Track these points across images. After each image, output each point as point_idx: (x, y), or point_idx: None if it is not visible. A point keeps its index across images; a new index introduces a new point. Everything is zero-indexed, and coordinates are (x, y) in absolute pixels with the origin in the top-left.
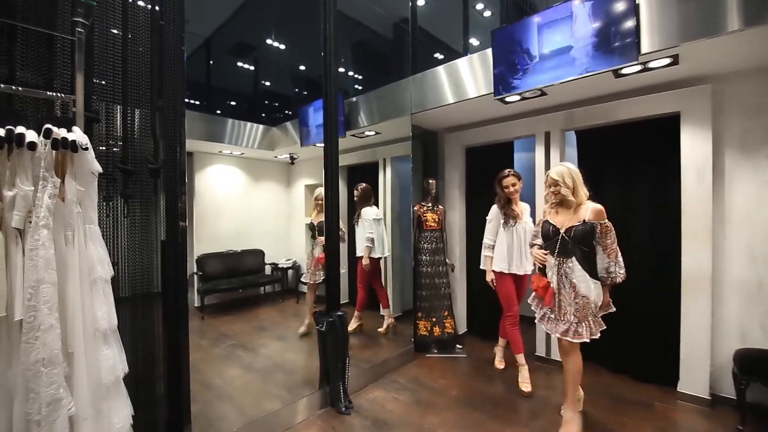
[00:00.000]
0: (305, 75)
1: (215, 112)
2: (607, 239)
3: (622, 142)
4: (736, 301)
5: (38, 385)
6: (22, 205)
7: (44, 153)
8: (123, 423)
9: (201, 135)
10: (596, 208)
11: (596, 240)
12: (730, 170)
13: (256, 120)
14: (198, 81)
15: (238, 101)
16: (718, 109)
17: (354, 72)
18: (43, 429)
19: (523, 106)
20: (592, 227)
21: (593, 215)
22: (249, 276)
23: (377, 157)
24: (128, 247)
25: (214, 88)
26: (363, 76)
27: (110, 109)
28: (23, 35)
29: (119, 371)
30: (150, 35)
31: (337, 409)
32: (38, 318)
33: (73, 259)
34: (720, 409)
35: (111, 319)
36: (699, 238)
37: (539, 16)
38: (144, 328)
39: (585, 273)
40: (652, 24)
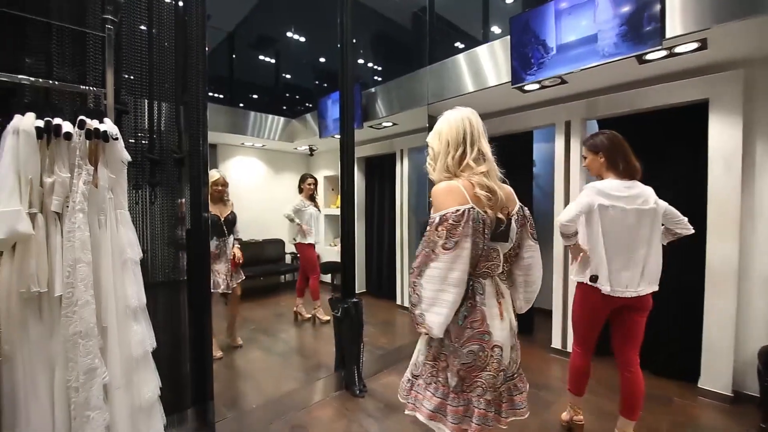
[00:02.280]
0: (325, 67)
1: (238, 105)
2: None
3: (646, 132)
4: (765, 298)
5: (76, 355)
6: (60, 190)
7: (79, 143)
8: (151, 394)
9: (224, 127)
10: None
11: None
12: (762, 160)
13: (277, 112)
14: (221, 74)
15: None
16: (749, 96)
17: (374, 63)
18: (81, 395)
19: (543, 95)
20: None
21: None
22: (269, 264)
23: (395, 148)
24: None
25: (236, 81)
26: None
27: (138, 102)
28: (58, 33)
29: (148, 346)
30: (174, 31)
31: (352, 391)
32: (75, 294)
33: (105, 241)
34: (742, 407)
35: (140, 298)
36: (725, 231)
37: (556, 1)
38: (171, 311)
39: None
40: (679, 6)
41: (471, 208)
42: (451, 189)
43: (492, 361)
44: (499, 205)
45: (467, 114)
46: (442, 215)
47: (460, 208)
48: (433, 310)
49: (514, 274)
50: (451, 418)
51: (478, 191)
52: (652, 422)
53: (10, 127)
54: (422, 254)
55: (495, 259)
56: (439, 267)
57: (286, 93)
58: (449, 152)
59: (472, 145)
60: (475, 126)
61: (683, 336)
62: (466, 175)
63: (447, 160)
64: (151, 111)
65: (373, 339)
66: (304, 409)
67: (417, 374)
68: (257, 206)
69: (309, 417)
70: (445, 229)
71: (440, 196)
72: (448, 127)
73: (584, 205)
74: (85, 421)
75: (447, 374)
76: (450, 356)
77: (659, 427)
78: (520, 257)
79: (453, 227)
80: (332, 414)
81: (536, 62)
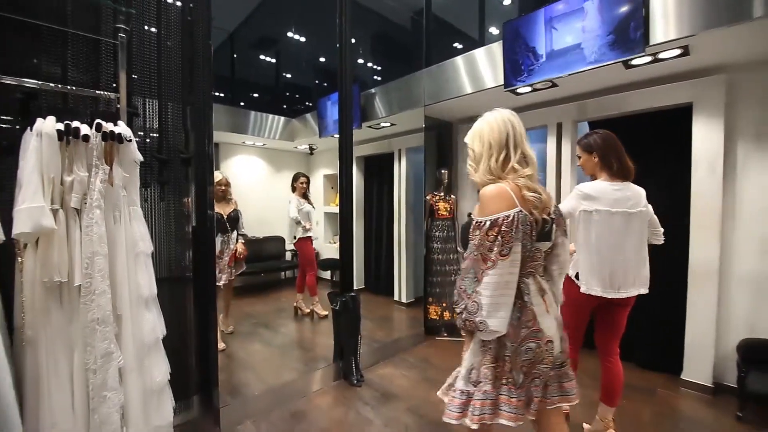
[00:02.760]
0: (324, 67)
1: (239, 104)
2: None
3: (634, 133)
4: (745, 294)
5: (94, 340)
6: (79, 188)
7: (96, 144)
8: (162, 377)
9: (226, 127)
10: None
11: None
12: (743, 162)
13: (278, 112)
14: (223, 74)
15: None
16: (732, 100)
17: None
18: (98, 377)
19: (536, 98)
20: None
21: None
22: (270, 261)
23: (393, 148)
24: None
25: (238, 81)
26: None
27: (147, 103)
28: (74, 40)
29: (158, 333)
30: (181, 34)
31: (349, 381)
32: (93, 284)
33: (120, 235)
34: (722, 397)
35: (151, 288)
36: (708, 230)
37: (547, 10)
38: (179, 304)
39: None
40: (660, 15)
41: (520, 212)
42: (500, 192)
43: (547, 354)
44: (543, 207)
45: (509, 116)
46: (493, 220)
47: (510, 212)
48: (496, 315)
49: (551, 269)
50: (514, 410)
51: (527, 194)
52: (635, 411)
53: (34, 130)
54: (472, 258)
55: (539, 259)
56: (498, 273)
57: (287, 92)
58: (492, 154)
59: (516, 148)
60: (517, 129)
61: (667, 331)
62: (511, 177)
63: (490, 162)
64: (159, 112)
65: (371, 333)
66: (304, 397)
67: (475, 381)
68: (258, 204)
69: (309, 404)
70: (499, 234)
71: (489, 200)
72: (490, 130)
73: (565, 212)
74: (102, 400)
75: (513, 373)
76: (512, 356)
77: (641, 415)
78: (555, 254)
79: (507, 233)
80: (331, 401)
81: (526, 69)
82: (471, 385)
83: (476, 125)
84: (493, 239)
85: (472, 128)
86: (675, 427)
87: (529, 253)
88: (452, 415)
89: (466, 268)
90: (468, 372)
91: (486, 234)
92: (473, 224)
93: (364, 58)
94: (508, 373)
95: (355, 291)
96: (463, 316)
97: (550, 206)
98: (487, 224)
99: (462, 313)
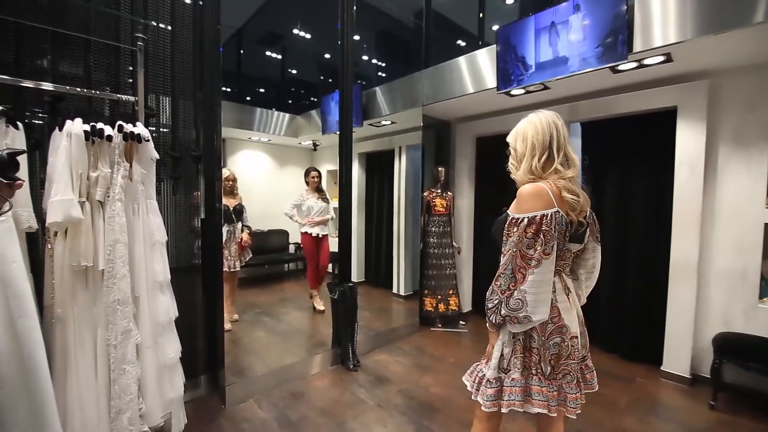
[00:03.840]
0: (329, 63)
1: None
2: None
3: (623, 135)
4: (722, 290)
5: (115, 318)
6: (103, 183)
7: (117, 143)
8: (174, 355)
9: (232, 123)
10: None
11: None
12: (723, 164)
13: (283, 108)
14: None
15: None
16: (714, 104)
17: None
18: (118, 351)
19: (529, 99)
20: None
21: (514, 201)
22: (274, 254)
23: (393, 145)
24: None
25: (244, 78)
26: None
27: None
28: (96, 47)
29: (171, 314)
30: (192, 33)
31: (346, 366)
32: (115, 269)
33: (138, 226)
34: (698, 388)
35: (165, 274)
36: (687, 229)
37: (537, 19)
38: (189, 290)
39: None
40: (640, 26)
41: (557, 212)
42: (539, 191)
43: (573, 350)
44: (581, 210)
45: (553, 119)
46: (531, 217)
47: (547, 212)
48: (539, 310)
49: (578, 272)
50: (545, 398)
51: (566, 195)
52: (612, 397)
53: (64, 131)
54: (511, 254)
55: (567, 259)
56: (542, 272)
57: (292, 89)
58: (534, 155)
59: (559, 150)
60: (561, 131)
61: (649, 324)
62: (553, 178)
63: (533, 162)
64: (173, 112)
65: (369, 322)
66: (303, 379)
67: (506, 368)
68: (263, 198)
69: (307, 385)
70: (539, 232)
71: (527, 198)
72: (534, 131)
73: None
74: (121, 373)
75: (541, 365)
76: (540, 348)
77: (618, 401)
78: (584, 258)
79: (548, 232)
80: (328, 383)
81: (516, 79)
82: (502, 372)
83: (520, 125)
84: (532, 237)
85: (516, 128)
86: (649, 412)
87: (559, 252)
88: (487, 404)
89: (504, 263)
90: (498, 362)
91: (524, 231)
92: (510, 220)
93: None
94: (537, 364)
95: (353, 282)
96: (503, 312)
97: (586, 209)
98: (525, 221)
99: (496, 309)
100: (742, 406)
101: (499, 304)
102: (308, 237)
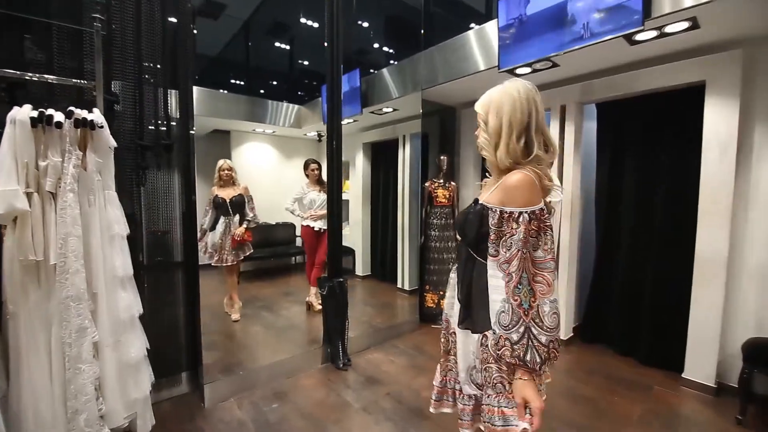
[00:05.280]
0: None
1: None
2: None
3: (644, 115)
4: (755, 289)
5: (69, 316)
6: (53, 173)
7: (69, 130)
8: (137, 353)
9: (236, 115)
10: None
11: (492, 240)
12: (760, 145)
13: (288, 99)
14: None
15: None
16: (749, 77)
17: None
18: (74, 350)
19: (537, 79)
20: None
21: (498, 191)
22: (280, 247)
23: (397, 134)
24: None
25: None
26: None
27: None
28: (58, 31)
29: (134, 311)
30: (162, 14)
31: (336, 365)
32: (67, 263)
33: (94, 218)
34: (724, 398)
35: (126, 269)
36: (717, 219)
37: None
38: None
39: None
40: None
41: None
42: (531, 182)
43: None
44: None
45: (533, 94)
46: (532, 211)
47: (543, 206)
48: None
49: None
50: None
51: (546, 183)
52: (624, 408)
53: (9, 117)
54: (520, 258)
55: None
56: (554, 275)
57: (295, 79)
58: (510, 135)
59: (537, 132)
60: (540, 111)
61: (670, 326)
62: (532, 165)
63: (510, 143)
64: (141, 98)
65: (370, 318)
66: (290, 378)
67: (481, 384)
68: (268, 190)
69: (293, 384)
70: (542, 230)
71: (525, 187)
72: (511, 107)
73: None
74: (77, 372)
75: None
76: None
77: (631, 413)
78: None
79: (549, 228)
80: (314, 383)
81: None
82: (478, 389)
83: (494, 94)
84: (536, 235)
85: (488, 96)
86: (665, 425)
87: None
88: (464, 425)
89: (516, 271)
90: (468, 376)
91: (527, 227)
92: (504, 215)
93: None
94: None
95: (343, 277)
96: (543, 340)
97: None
98: (526, 216)
99: (529, 337)
100: None
101: (525, 331)
102: (309, 230)
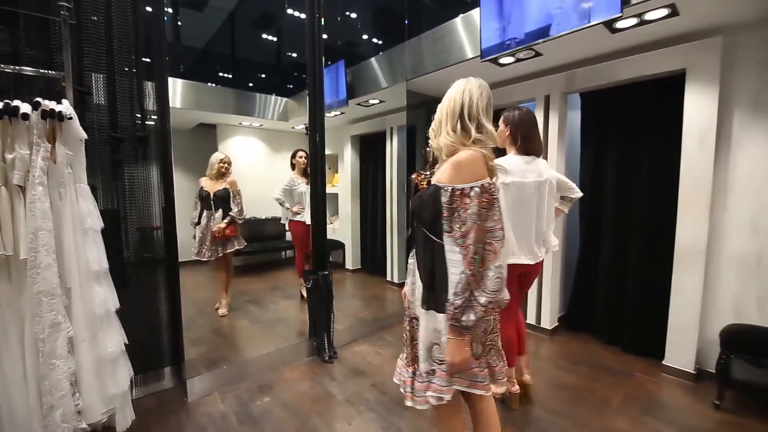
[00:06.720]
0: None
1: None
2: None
3: (626, 104)
4: (733, 276)
5: (41, 311)
6: (21, 165)
7: (35, 122)
8: (114, 348)
9: (223, 108)
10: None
11: (444, 217)
12: (738, 133)
13: (275, 92)
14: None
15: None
16: (728, 65)
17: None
18: (47, 345)
19: (521, 69)
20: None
21: (448, 169)
22: (270, 241)
23: (385, 126)
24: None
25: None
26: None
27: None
28: (25, 21)
29: (110, 306)
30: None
31: (321, 357)
32: (38, 258)
33: (66, 212)
34: (703, 384)
35: (101, 263)
36: (696, 207)
37: None
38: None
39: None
40: None
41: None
42: (477, 158)
43: (495, 323)
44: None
45: (470, 86)
46: (482, 185)
47: (490, 180)
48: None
49: None
50: (483, 379)
51: (491, 163)
52: (605, 394)
53: None
54: (476, 229)
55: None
56: (501, 237)
57: (282, 72)
58: (448, 122)
59: (471, 119)
60: (475, 100)
61: (651, 314)
62: (476, 147)
63: (448, 129)
64: (112, 89)
65: (357, 311)
66: (275, 371)
67: (439, 359)
68: (256, 184)
69: (278, 378)
70: (493, 202)
71: (471, 164)
72: (448, 98)
73: None
74: (51, 368)
75: (473, 345)
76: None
77: (610, 398)
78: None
79: (497, 200)
80: (299, 376)
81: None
82: (434, 365)
83: (448, 90)
84: (487, 207)
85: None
86: (645, 411)
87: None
88: (416, 399)
89: (473, 243)
90: (427, 354)
91: (480, 200)
92: (455, 191)
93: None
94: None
95: (328, 270)
96: (482, 300)
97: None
98: (477, 190)
99: (470, 301)
100: (751, 406)
101: (469, 295)
102: (300, 224)
